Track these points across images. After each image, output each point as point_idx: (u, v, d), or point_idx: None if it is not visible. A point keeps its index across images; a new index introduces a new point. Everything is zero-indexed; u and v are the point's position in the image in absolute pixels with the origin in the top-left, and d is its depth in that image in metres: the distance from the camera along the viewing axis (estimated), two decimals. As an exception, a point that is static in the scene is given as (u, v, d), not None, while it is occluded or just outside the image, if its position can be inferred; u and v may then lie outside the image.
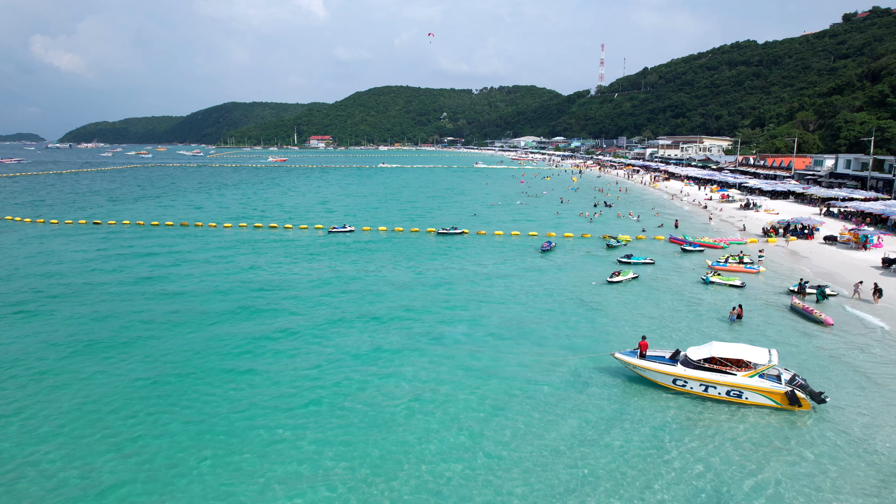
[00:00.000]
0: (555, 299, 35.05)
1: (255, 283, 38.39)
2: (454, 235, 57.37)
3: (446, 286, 37.90)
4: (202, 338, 28.22)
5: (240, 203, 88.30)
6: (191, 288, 37.36)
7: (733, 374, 21.05)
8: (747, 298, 35.27)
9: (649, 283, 38.82)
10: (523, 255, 48.48)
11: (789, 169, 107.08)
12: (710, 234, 57.65)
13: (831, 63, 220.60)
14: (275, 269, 42.81)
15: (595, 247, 52.21)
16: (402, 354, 26.15)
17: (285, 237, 56.80)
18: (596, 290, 37.09)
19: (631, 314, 32.13)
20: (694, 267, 43.57)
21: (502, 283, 38.70)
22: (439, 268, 43.23)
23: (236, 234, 58.59)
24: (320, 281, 38.96)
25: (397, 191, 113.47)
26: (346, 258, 46.74)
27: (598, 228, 62.36)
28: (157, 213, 74.70)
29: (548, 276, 41.04)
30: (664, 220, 67.75)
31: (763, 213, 71.53)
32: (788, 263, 44.86)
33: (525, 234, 58.47)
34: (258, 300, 34.55)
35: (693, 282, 39.46)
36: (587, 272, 42.21)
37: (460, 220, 69.56)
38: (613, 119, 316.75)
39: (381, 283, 38.50)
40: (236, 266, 43.42)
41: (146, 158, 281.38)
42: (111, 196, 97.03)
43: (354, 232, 59.50)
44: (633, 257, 44.97)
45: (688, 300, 35.10)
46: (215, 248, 50.83)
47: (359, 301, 34.44)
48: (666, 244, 53.98)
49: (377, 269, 42.67)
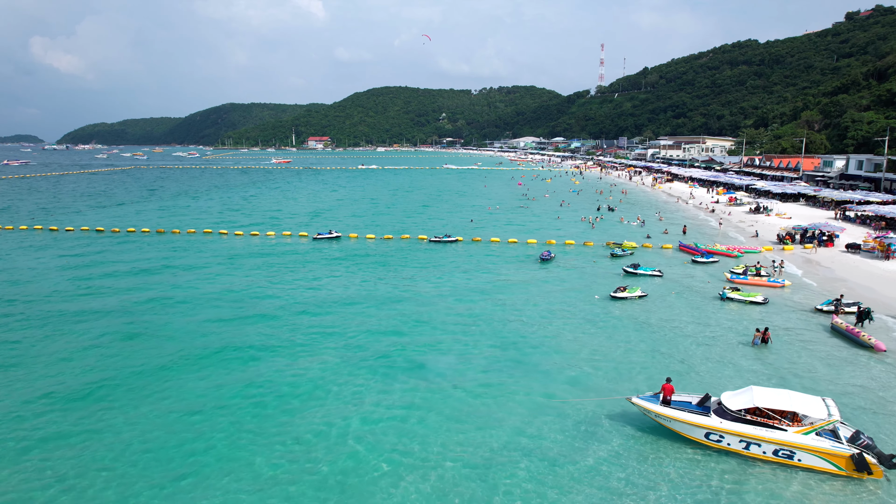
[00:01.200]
0: (555, 319, 31.20)
1: (221, 302, 34.45)
2: (447, 243, 53.52)
3: (434, 304, 34.04)
4: (151, 366, 24.42)
5: (226, 207, 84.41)
6: (142, 307, 33.46)
7: (783, 429, 16.98)
8: (772, 318, 31.42)
9: (659, 299, 34.99)
10: (521, 265, 44.63)
11: (797, 170, 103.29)
12: (721, 241, 53.85)
13: (834, 62, 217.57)
14: (247, 283, 38.92)
15: (598, 256, 48.36)
16: (374, 398, 22.23)
17: (266, 245, 52.92)
18: (600, 308, 33.24)
19: (640, 337, 28.26)
20: (709, 280, 39.68)
21: (497, 299, 34.83)
22: (428, 281, 39.36)
23: (215, 241, 54.66)
24: (292, 299, 35.01)
25: (393, 193, 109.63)
26: (327, 270, 42.84)
27: (601, 234, 58.56)
28: (133, 218, 70.71)
29: (547, 290, 37.18)
30: (670, 226, 63.96)
31: (775, 217, 67.70)
32: (812, 275, 40.92)
33: (523, 241, 54.61)
34: (218, 329, 30.63)
35: (708, 297, 35.63)
36: (590, 285, 38.38)
37: (456, 225, 65.81)
38: (614, 119, 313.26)
39: (360, 301, 34.60)
40: (204, 280, 39.45)
41: (141, 160, 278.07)
42: (94, 200, 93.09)
43: (340, 239, 55.64)
44: (640, 268, 41.13)
45: (703, 320, 31.24)
46: (187, 258, 46.88)
47: (332, 324, 30.49)
48: (675, 253, 50.12)
49: (359, 283, 38.77)
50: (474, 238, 55.40)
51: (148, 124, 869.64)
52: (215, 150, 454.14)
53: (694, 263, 45.01)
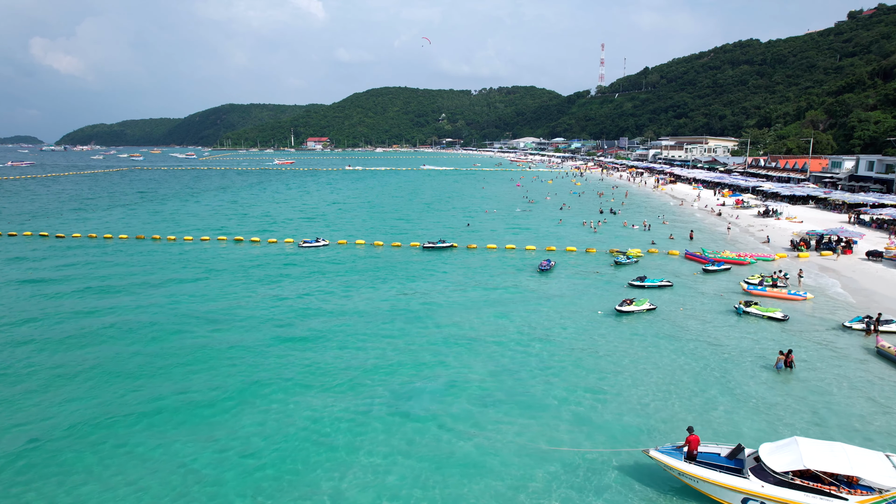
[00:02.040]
0: (555, 340, 28.23)
1: (184, 328, 31.37)
2: (441, 250, 50.55)
3: (422, 322, 31.05)
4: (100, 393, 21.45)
5: (215, 211, 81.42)
6: (94, 335, 30.47)
7: (842, 497, 13.99)
8: (794, 337, 28.48)
9: (668, 314, 32.03)
10: (518, 275, 41.66)
11: (804, 171, 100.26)
12: (730, 248, 50.88)
13: (837, 61, 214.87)
14: (224, 296, 35.96)
15: (601, 264, 45.39)
16: (348, 440, 19.28)
17: (249, 253, 49.90)
18: (605, 325, 30.27)
19: (649, 362, 25.31)
20: (721, 292, 36.70)
21: (491, 316, 31.85)
22: (418, 295, 36.40)
23: (195, 250, 51.65)
24: (264, 319, 31.97)
25: (389, 196, 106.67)
26: (310, 281, 39.86)
27: (604, 240, 55.62)
28: (114, 223, 67.66)
29: (546, 305, 34.22)
30: (676, 230, 60.98)
31: (785, 220, 64.71)
32: (833, 287, 37.90)
33: (521, 247, 51.63)
34: (181, 353, 27.68)
35: (722, 312, 32.69)
36: (592, 298, 35.43)
37: (452, 229, 62.88)
38: (614, 119, 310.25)
39: (341, 319, 31.60)
40: (171, 299, 36.23)
41: (137, 161, 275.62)
42: (79, 203, 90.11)
43: (329, 246, 52.64)
44: (647, 279, 38.15)
45: (718, 338, 28.27)
46: (161, 270, 43.83)
47: (305, 349, 27.45)
48: (682, 261, 47.13)
49: (341, 298, 35.71)
50: (469, 245, 52.36)
51: (147, 125, 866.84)
52: (213, 151, 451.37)
53: (704, 273, 42.03)
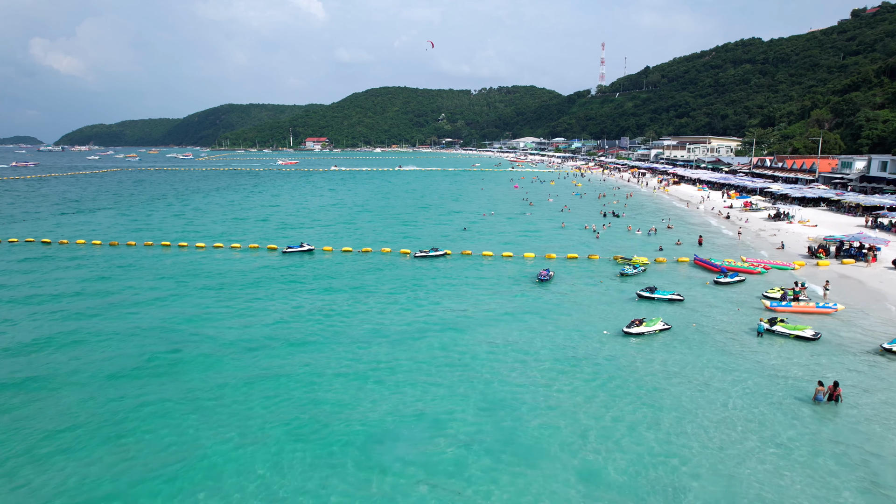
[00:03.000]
0: (556, 367, 24.92)
1: (141, 347, 28.22)
2: (434, 258, 47.27)
3: (408, 344, 27.74)
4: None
5: (201, 213, 78.15)
6: (40, 352, 27.28)
7: None
8: (828, 361, 25.17)
9: (681, 335, 28.71)
10: (515, 287, 38.34)
11: (812, 171, 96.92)
12: (742, 254, 47.55)
13: (841, 60, 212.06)
14: (188, 311, 32.71)
15: (605, 273, 42.06)
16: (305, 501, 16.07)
17: (229, 260, 46.60)
18: (611, 349, 26.97)
19: (663, 398, 22.02)
20: (738, 306, 33.37)
21: (484, 337, 28.51)
22: (405, 311, 33.08)
23: (171, 256, 48.34)
24: (233, 337, 28.73)
25: (385, 198, 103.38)
26: (286, 294, 36.51)
27: (607, 246, 52.31)
28: (89, 227, 64.39)
29: (546, 322, 30.90)
30: (684, 235, 57.63)
31: (798, 224, 61.37)
32: (861, 300, 34.38)
33: (519, 255, 48.31)
34: (137, 379, 24.50)
35: (742, 329, 29.38)
36: (597, 314, 32.14)
37: (448, 233, 59.66)
38: (615, 119, 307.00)
39: (317, 341, 28.28)
40: (134, 311, 33.08)
41: (132, 162, 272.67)
42: (63, 205, 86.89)
43: (313, 252, 49.35)
44: (657, 291, 34.86)
45: (741, 365, 24.95)
46: (129, 279, 40.56)
47: (272, 374, 24.27)
48: (692, 269, 43.78)
49: (317, 314, 32.30)
50: (464, 251, 49.01)
51: (146, 125, 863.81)
52: (211, 152, 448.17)
53: (716, 284, 38.68)
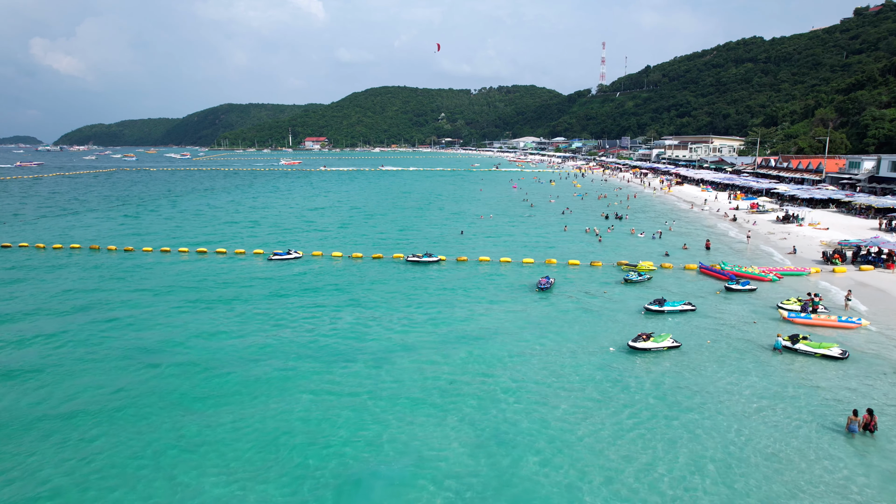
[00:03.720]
0: (555, 390, 22.47)
1: (101, 358, 25.87)
2: (427, 264, 44.82)
3: (394, 363, 25.27)
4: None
5: (190, 216, 75.72)
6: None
7: None
8: (859, 385, 22.72)
9: (694, 353, 26.27)
10: (513, 296, 35.91)
11: (819, 172, 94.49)
12: (753, 260, 45.16)
13: (844, 59, 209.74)
14: (160, 324, 30.31)
15: (609, 281, 39.60)
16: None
17: (212, 266, 44.15)
18: (617, 368, 24.55)
19: (683, 432, 19.58)
20: (754, 318, 30.86)
21: (477, 356, 26.04)
22: (392, 324, 30.62)
23: (151, 262, 45.83)
24: (196, 353, 26.35)
25: (380, 199, 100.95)
26: (268, 304, 34.05)
27: (610, 250, 49.88)
28: (71, 231, 61.87)
29: (546, 337, 28.45)
30: (690, 239, 55.20)
31: (808, 227, 58.96)
32: (890, 311, 31.93)
33: (518, 260, 45.86)
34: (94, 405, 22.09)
35: (759, 346, 26.93)
36: (601, 327, 29.72)
37: (444, 237, 57.25)
38: (616, 119, 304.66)
39: (295, 358, 25.78)
40: (96, 326, 30.64)
41: (130, 161, 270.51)
42: (47, 207, 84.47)
43: (302, 258, 46.90)
44: (666, 302, 32.43)
45: (762, 388, 22.44)
46: (103, 286, 38.14)
47: (236, 400, 21.87)
48: (698, 276, 41.33)
49: (300, 327, 29.81)
50: (459, 258, 46.52)
51: (146, 125, 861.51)
52: (209, 152, 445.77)
53: (728, 292, 36.25)
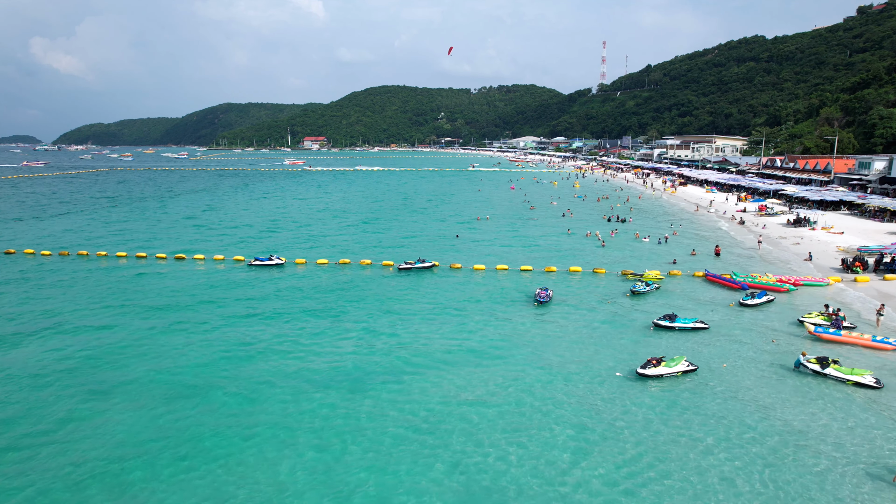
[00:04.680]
0: (555, 429, 19.64)
1: (53, 378, 23.01)
2: (419, 272, 41.95)
3: (372, 393, 22.33)
4: None
5: (175, 219, 72.85)
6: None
7: None
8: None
9: (711, 379, 23.40)
10: (509, 310, 33.01)
11: (827, 172, 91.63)
12: (767, 268, 42.22)
13: (847, 57, 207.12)
14: (119, 336, 27.46)
15: (613, 291, 36.72)
16: None
17: (189, 273, 41.23)
18: (626, 397, 21.63)
19: (700, 478, 16.72)
20: (773, 337, 27.96)
21: (464, 384, 23.08)
22: (374, 345, 27.68)
23: (125, 269, 43.01)
24: (144, 373, 23.57)
25: (374, 201, 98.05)
26: (234, 322, 31.10)
27: (614, 256, 47.00)
28: (46, 234, 59.07)
29: (544, 359, 25.56)
30: (698, 244, 52.21)
31: (822, 231, 56.09)
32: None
33: (515, 268, 42.99)
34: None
35: (780, 368, 24.06)
36: (606, 347, 26.83)
37: (439, 241, 54.40)
38: (616, 118, 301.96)
39: (260, 385, 22.91)
40: (54, 334, 27.94)
41: (124, 162, 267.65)
42: (27, 209, 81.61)
43: (284, 265, 44.00)
44: (677, 319, 29.54)
45: (790, 423, 19.61)
46: (64, 297, 35.33)
47: (185, 436, 19.06)
48: (711, 286, 38.42)
49: (271, 347, 26.96)
50: (453, 265, 43.66)
51: (145, 125, 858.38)
52: (207, 151, 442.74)
53: (742, 307, 33.31)
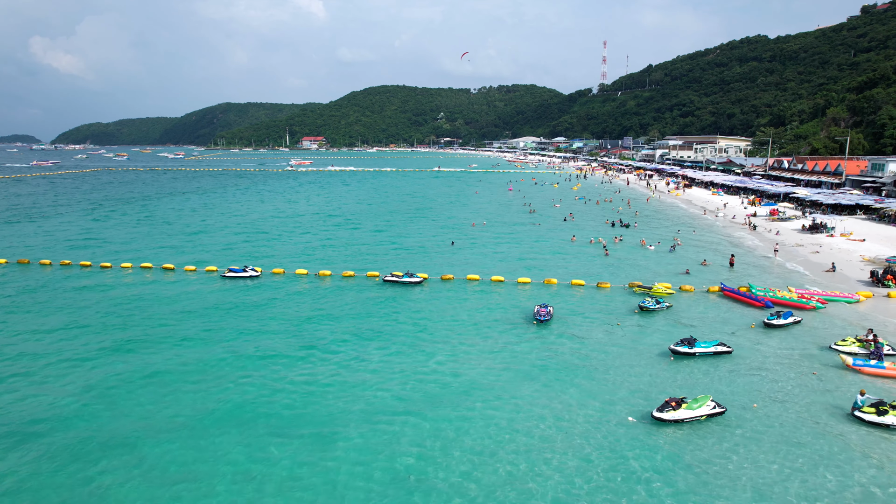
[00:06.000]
0: (554, 491, 16.04)
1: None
2: (406, 285, 38.28)
3: (341, 439, 18.66)
4: None
5: (153, 222, 69.23)
6: None
7: None
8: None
9: (742, 423, 19.76)
10: (505, 332, 29.29)
11: (839, 174, 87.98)
12: (783, 279, 38.57)
13: (852, 57, 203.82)
14: (52, 361, 23.85)
15: (621, 308, 33.04)
16: None
17: (154, 285, 37.56)
18: (640, 452, 18.01)
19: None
20: (812, 367, 24.17)
21: (453, 430, 19.37)
22: (350, 374, 24.04)
23: (87, 277, 39.34)
24: (77, 426, 19.96)
25: (366, 205, 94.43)
26: (193, 341, 27.60)
27: (619, 265, 43.32)
28: (15, 240, 55.51)
29: (543, 397, 21.84)
30: (709, 253, 48.48)
31: (840, 238, 52.46)
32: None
33: (513, 279, 39.35)
34: None
35: (824, 408, 20.40)
36: (616, 382, 23.15)
37: (433, 247, 50.77)
38: (617, 118, 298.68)
39: (207, 428, 19.33)
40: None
41: (119, 162, 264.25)
42: (7, 212, 78.00)
43: (260, 277, 40.34)
44: (697, 343, 25.87)
45: (849, 492, 16.08)
46: (9, 306, 31.73)
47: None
48: (723, 302, 34.75)
49: (223, 384, 23.48)
50: (444, 276, 39.98)
51: (143, 125, 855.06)
52: (204, 151, 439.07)
53: (766, 327, 29.60)
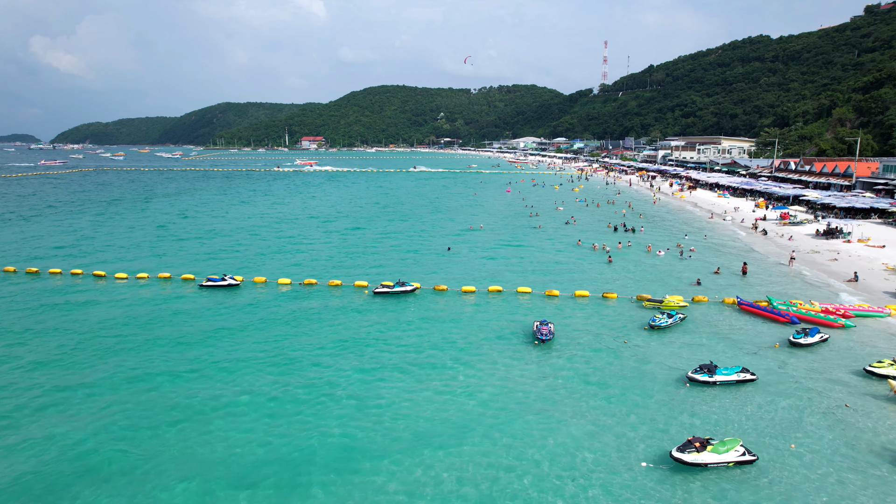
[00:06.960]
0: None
1: None
2: (398, 296, 35.49)
3: (312, 489, 15.98)
4: None
5: (136, 226, 66.42)
6: None
7: None
8: None
9: (777, 470, 16.98)
10: (502, 352, 26.44)
11: (849, 176, 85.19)
12: (803, 291, 35.76)
13: (856, 57, 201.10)
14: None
15: (628, 324, 30.20)
16: None
17: (127, 297, 34.72)
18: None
19: None
20: (849, 396, 21.56)
21: (439, 477, 16.70)
22: (327, 408, 21.20)
23: (54, 287, 36.55)
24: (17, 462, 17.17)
25: (360, 207, 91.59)
26: (166, 361, 24.83)
27: (625, 274, 40.50)
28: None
29: (544, 436, 19.08)
30: (721, 260, 45.60)
31: (858, 244, 49.66)
32: None
33: (512, 290, 36.53)
34: None
35: (866, 450, 17.64)
36: (627, 417, 20.36)
37: (429, 252, 47.98)
38: (618, 119, 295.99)
39: (170, 479, 16.59)
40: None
41: (118, 161, 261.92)
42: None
43: (239, 287, 37.50)
44: (718, 371, 23.06)
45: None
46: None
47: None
48: (740, 317, 31.95)
49: (185, 420, 20.69)
50: (438, 286, 37.15)
51: (143, 124, 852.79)
52: (203, 151, 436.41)
53: (792, 346, 26.79)
